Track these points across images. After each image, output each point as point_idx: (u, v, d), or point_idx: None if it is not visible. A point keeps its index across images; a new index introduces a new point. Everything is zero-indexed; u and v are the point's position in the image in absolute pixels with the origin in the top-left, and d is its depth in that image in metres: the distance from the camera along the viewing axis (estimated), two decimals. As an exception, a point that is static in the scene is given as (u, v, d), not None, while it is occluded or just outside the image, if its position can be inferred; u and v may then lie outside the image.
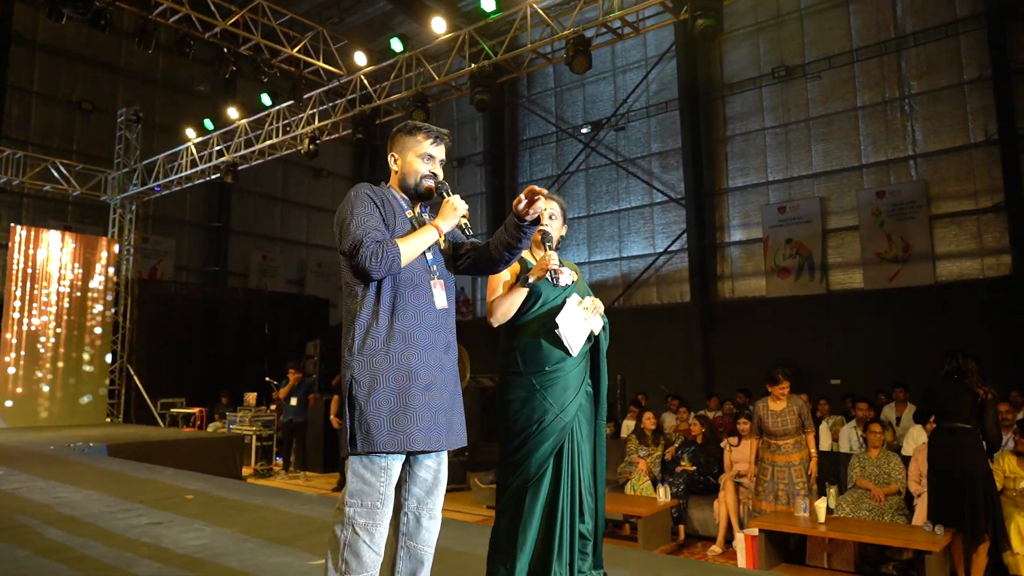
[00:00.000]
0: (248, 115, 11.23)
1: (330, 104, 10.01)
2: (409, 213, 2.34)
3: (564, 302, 2.66)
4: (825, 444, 6.44)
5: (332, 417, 8.62)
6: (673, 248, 14.99)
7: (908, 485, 5.08)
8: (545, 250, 2.63)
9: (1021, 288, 11.01)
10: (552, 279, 2.57)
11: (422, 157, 2.37)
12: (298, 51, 9.18)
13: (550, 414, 2.52)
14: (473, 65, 7.86)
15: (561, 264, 2.61)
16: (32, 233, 11.97)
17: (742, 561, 4.86)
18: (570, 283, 2.67)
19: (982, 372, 4.86)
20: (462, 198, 2.35)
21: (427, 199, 2.41)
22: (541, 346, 2.59)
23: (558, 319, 2.57)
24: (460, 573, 2.99)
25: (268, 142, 10.67)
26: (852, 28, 13.22)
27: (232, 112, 11.50)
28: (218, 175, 11.86)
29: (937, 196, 12.19)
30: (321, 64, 9.46)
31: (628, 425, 7.76)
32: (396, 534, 2.21)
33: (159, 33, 8.71)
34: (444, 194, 2.38)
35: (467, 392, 8.95)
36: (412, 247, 2.20)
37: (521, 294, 2.60)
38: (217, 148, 11.62)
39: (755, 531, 4.87)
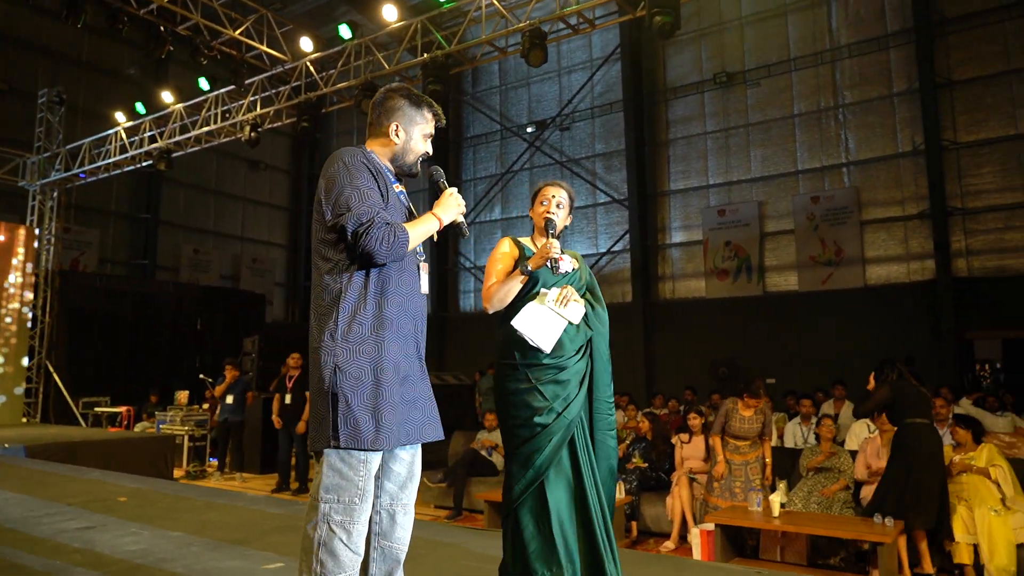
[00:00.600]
0: (183, 100, 10.70)
1: (273, 91, 9.64)
2: (397, 187, 2.19)
3: (583, 293, 2.58)
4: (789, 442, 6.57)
5: (274, 417, 8.26)
6: (616, 248, 15.14)
7: (856, 477, 5.22)
8: (547, 237, 2.56)
9: (944, 291, 11.56)
10: (552, 267, 2.47)
11: (425, 137, 2.25)
12: (240, 34, 8.80)
13: (550, 411, 2.41)
14: (426, 55, 7.69)
15: (563, 252, 2.53)
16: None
17: (698, 555, 4.88)
18: (570, 270, 2.57)
19: (915, 373, 5.04)
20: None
21: (411, 178, 2.31)
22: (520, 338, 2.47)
23: (513, 321, 2.46)
24: (432, 571, 2.86)
25: (205, 129, 10.19)
26: (790, 38, 13.64)
27: (166, 96, 10.94)
28: (150, 162, 11.27)
29: (868, 202, 12.68)
30: (265, 48, 9.09)
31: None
32: (368, 536, 2.05)
33: (87, 9, 8.19)
34: (441, 184, 2.27)
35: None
36: (417, 235, 2.06)
37: (519, 282, 2.50)
38: (149, 134, 11.03)
39: (711, 526, 4.89)
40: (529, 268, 2.49)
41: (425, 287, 2.21)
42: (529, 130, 16.48)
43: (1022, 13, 11.38)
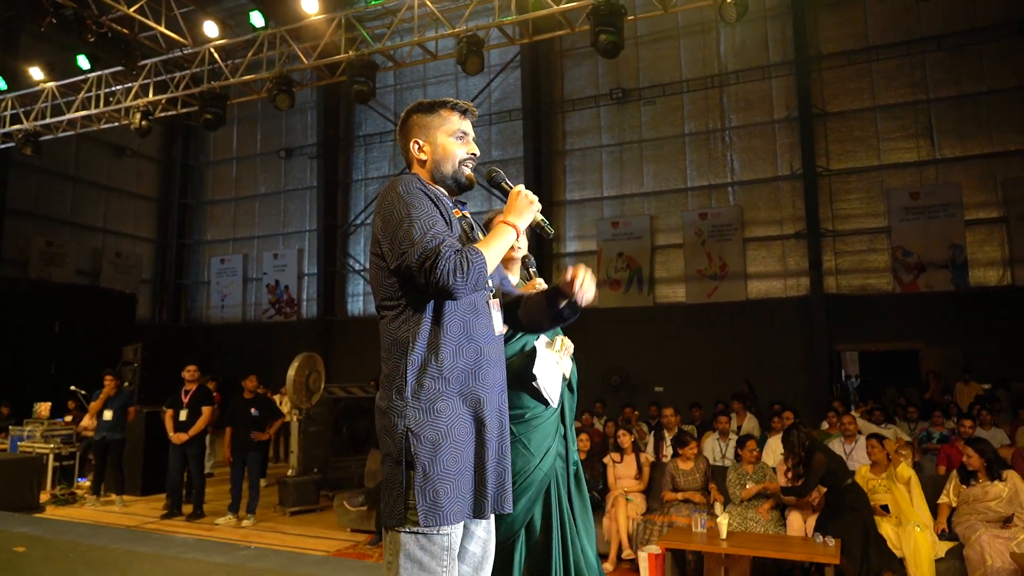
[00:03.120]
0: (54, 78, 9.51)
1: (168, 76, 8.78)
2: (456, 213, 1.92)
3: (533, 347, 2.43)
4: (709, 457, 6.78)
5: (172, 433, 7.47)
6: (512, 256, 15.18)
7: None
8: (532, 276, 2.42)
9: (816, 307, 12.54)
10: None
11: (455, 136, 1.98)
12: (135, 11, 7.93)
13: (531, 464, 2.31)
14: (351, 52, 7.29)
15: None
16: None
17: (646, 579, 4.92)
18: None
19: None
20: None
21: (467, 190, 2.02)
22: (515, 386, 2.31)
23: (535, 370, 2.34)
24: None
25: (83, 112, 9.11)
26: (682, 60, 14.28)
27: (36, 72, 9.68)
28: (9, 144, 9.94)
29: (750, 221, 13.51)
30: (162, 29, 8.26)
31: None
32: None
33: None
34: (504, 184, 2.02)
35: (320, 403, 8.30)
36: (494, 255, 1.79)
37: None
38: (11, 112, 9.71)
39: (657, 549, 4.95)
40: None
41: (500, 326, 1.93)
42: (425, 132, 16.16)
43: (888, 56, 12.56)
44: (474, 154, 1.99)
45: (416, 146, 1.96)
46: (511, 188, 1.98)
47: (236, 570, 3.57)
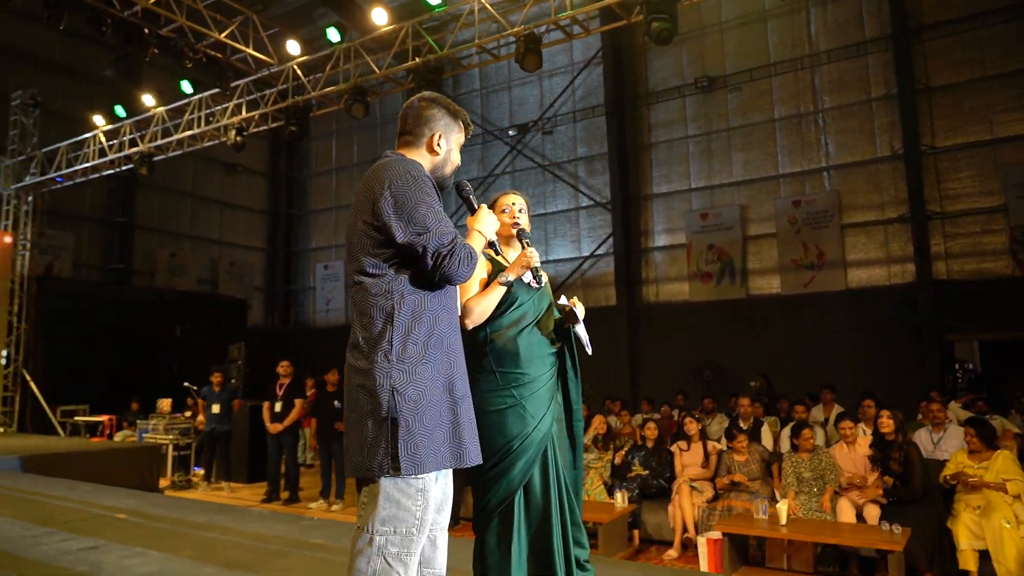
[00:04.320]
0: (163, 104, 10.49)
1: (259, 94, 9.49)
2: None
3: (550, 304, 2.59)
4: (768, 444, 6.61)
5: (269, 424, 8.09)
6: (599, 252, 15.17)
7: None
8: (523, 247, 2.53)
9: (924, 294, 11.76)
10: (534, 276, 2.45)
11: (460, 147, 2.21)
12: (226, 36, 8.64)
13: (529, 427, 2.42)
14: (417, 60, 7.62)
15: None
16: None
17: (704, 565, 4.88)
18: (545, 283, 2.58)
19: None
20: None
21: (441, 191, 2.21)
22: (519, 351, 2.46)
23: (578, 328, 2.50)
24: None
25: (188, 132, 10.00)
26: (770, 43, 13.79)
27: (148, 99, 10.71)
28: (130, 166, 11.03)
29: (848, 206, 12.85)
30: (250, 51, 8.95)
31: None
32: None
33: (67, 13, 7.97)
34: (472, 199, 2.27)
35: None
36: (479, 252, 2.08)
37: (499, 293, 2.45)
38: (129, 137, 10.79)
39: (717, 535, 4.90)
40: (510, 278, 2.45)
41: (458, 306, 2.21)
42: (511, 133, 16.45)
43: (997, 20, 11.62)
44: (459, 165, 2.23)
45: (436, 139, 2.12)
46: (477, 205, 2.25)
47: (294, 537, 3.89)
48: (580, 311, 2.55)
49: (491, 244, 2.22)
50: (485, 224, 2.16)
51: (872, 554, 4.59)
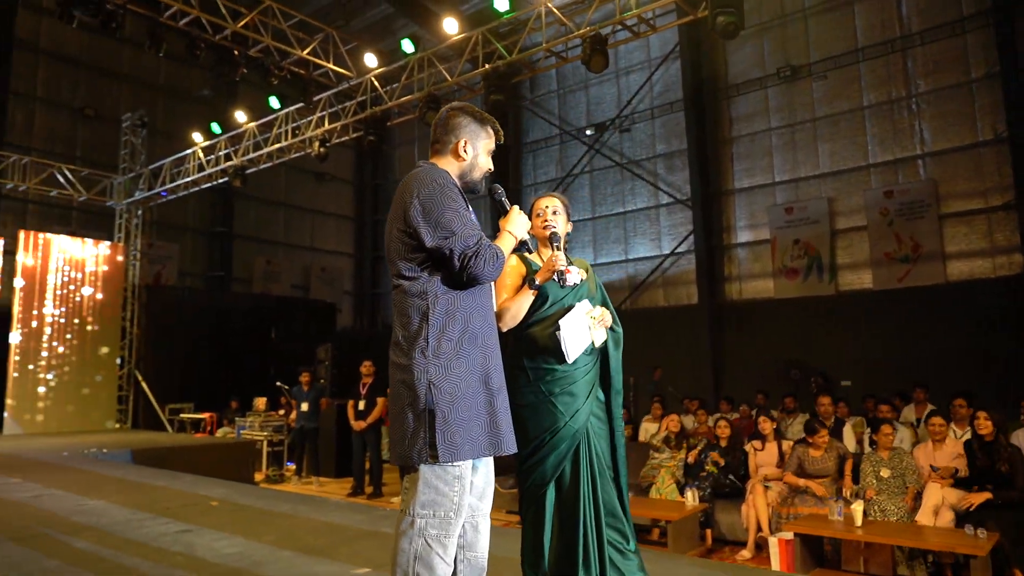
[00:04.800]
0: (255, 119, 11.15)
1: (340, 106, 9.95)
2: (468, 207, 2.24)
3: (572, 305, 2.62)
4: (850, 446, 6.38)
5: (354, 422, 8.49)
6: (680, 250, 14.95)
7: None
8: (552, 250, 2.59)
9: (1034, 287, 10.99)
10: (559, 280, 2.49)
11: (488, 153, 2.30)
12: (308, 53, 9.12)
13: (560, 421, 2.50)
14: (487, 66, 7.80)
15: (570, 263, 2.57)
16: (38, 239, 11.87)
17: (776, 565, 4.79)
18: (579, 282, 2.59)
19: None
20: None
21: (472, 195, 2.34)
22: (548, 347, 2.54)
23: (561, 321, 2.52)
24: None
25: (277, 145, 10.59)
26: (857, 27, 13.21)
27: (240, 116, 11.42)
28: (226, 179, 11.79)
29: (946, 195, 12.16)
30: (331, 66, 9.40)
31: (647, 428, 7.69)
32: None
33: (167, 38, 8.63)
34: (504, 201, 2.35)
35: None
36: (506, 253, 2.15)
37: (529, 297, 2.53)
38: (224, 152, 11.54)
39: (789, 535, 4.80)
40: (537, 282, 2.51)
41: (495, 303, 2.30)
42: (588, 133, 16.45)
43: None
44: (490, 169, 2.33)
45: (462, 146, 2.24)
46: (509, 206, 2.32)
47: (369, 524, 4.11)
48: (578, 321, 2.58)
49: (523, 243, 2.29)
50: (516, 225, 2.26)
51: (952, 559, 4.39)
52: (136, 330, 13.06)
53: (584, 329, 2.54)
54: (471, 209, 2.22)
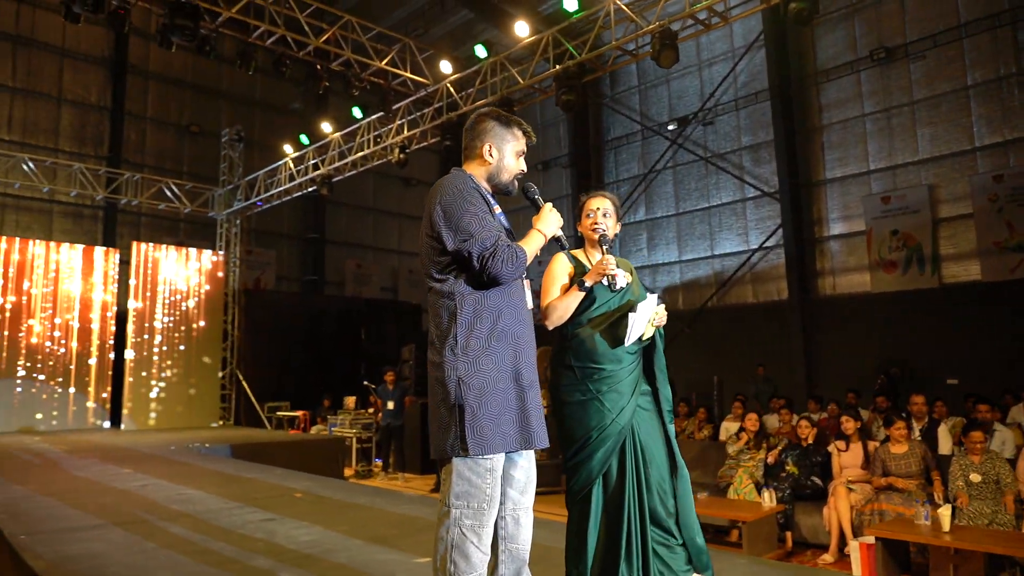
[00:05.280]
0: (340, 129, 11.65)
1: (418, 113, 10.24)
2: (496, 209, 2.29)
3: (626, 301, 2.65)
4: (945, 448, 6.03)
5: None
6: (768, 244, 14.47)
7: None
8: (602, 252, 2.62)
9: None
10: (609, 283, 2.53)
11: (518, 155, 2.35)
12: (386, 64, 9.45)
13: (607, 419, 2.52)
14: (557, 67, 7.85)
15: (616, 265, 2.59)
16: (149, 249, 12.83)
17: (857, 571, 4.60)
18: (625, 285, 2.62)
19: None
20: (549, 202, 2.36)
21: (506, 196, 2.40)
22: (596, 347, 2.56)
23: (639, 305, 2.54)
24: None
25: (360, 154, 11.02)
26: (959, 3, 12.39)
27: (325, 127, 11.96)
28: (314, 188, 12.36)
29: (1064, 178, 11.23)
30: (408, 75, 9.70)
31: (728, 427, 7.52)
32: (495, 539, 2.18)
33: (260, 56, 9.16)
34: (537, 200, 2.38)
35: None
36: (530, 253, 2.18)
37: (577, 297, 2.57)
38: (313, 162, 12.12)
39: (871, 539, 4.61)
40: (587, 284, 2.55)
41: (530, 301, 2.32)
42: (671, 128, 16.17)
43: None
44: (522, 171, 2.37)
45: (488, 149, 2.31)
46: (542, 204, 2.35)
47: (431, 519, 4.23)
48: (649, 311, 2.59)
49: (555, 240, 2.33)
50: (546, 223, 2.29)
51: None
52: (237, 333, 13.88)
53: (646, 321, 2.57)
54: (499, 211, 2.29)
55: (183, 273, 13.00)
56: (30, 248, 11.73)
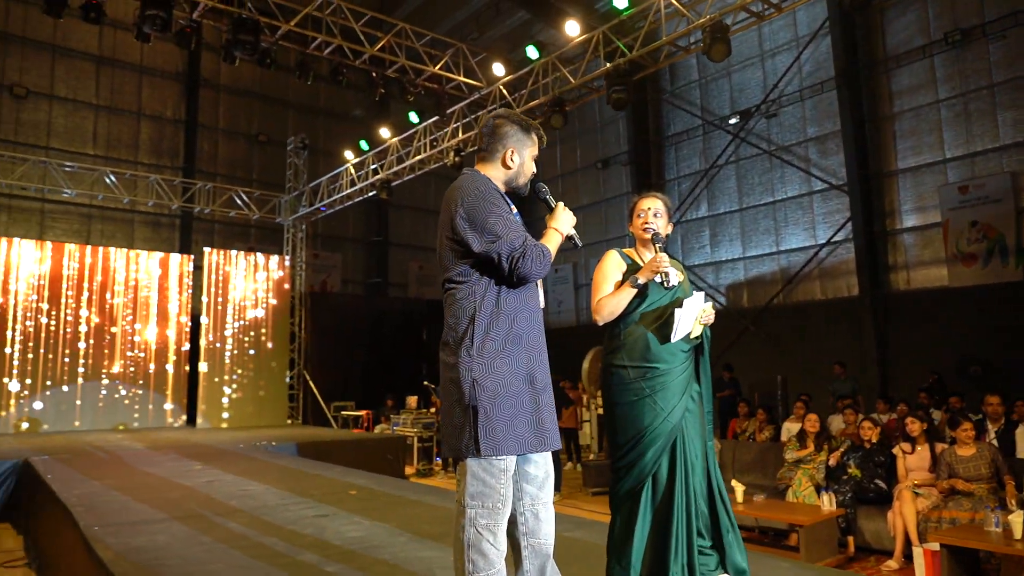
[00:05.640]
0: (398, 134, 11.89)
1: (472, 116, 10.35)
2: (513, 209, 2.32)
3: (676, 298, 2.65)
4: (1022, 451, 5.71)
5: None
6: (837, 238, 13.97)
7: None
8: (655, 250, 2.64)
9: None
10: (663, 281, 2.55)
11: (533, 158, 2.40)
12: (440, 68, 9.59)
13: (659, 418, 2.52)
14: (608, 65, 7.80)
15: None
16: (221, 255, 13.40)
17: (920, 578, 4.42)
18: (677, 284, 2.63)
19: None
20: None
21: (520, 197, 2.44)
22: (649, 345, 2.57)
23: (686, 301, 2.55)
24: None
25: (417, 158, 11.22)
26: (1044, -23, 11.67)
27: (384, 132, 12.23)
28: (374, 192, 12.66)
29: None
30: (462, 78, 9.82)
31: (790, 428, 7.31)
32: (516, 536, 2.21)
33: (319, 65, 9.45)
34: (549, 199, 2.41)
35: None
36: (553, 252, 2.23)
37: (629, 294, 2.60)
38: (372, 167, 12.41)
39: (936, 546, 4.41)
40: (640, 281, 2.57)
41: (542, 301, 2.35)
42: (732, 121, 15.81)
43: None
44: (535, 173, 2.45)
45: (509, 154, 2.36)
46: (554, 204, 2.39)
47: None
48: (695, 309, 2.57)
49: (569, 239, 2.35)
50: (561, 222, 2.32)
51: None
52: (303, 335, 14.34)
53: (693, 319, 2.57)
54: (515, 211, 2.32)
55: (251, 278, 13.53)
56: (112, 256, 12.44)
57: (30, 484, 6.66)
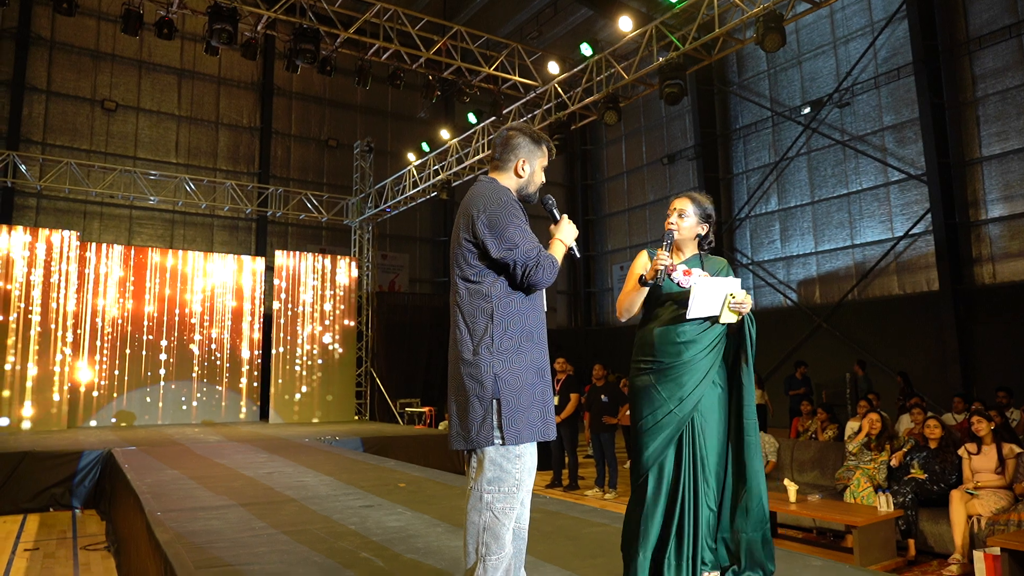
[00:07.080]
0: (459, 135, 12.08)
1: (528, 116, 10.42)
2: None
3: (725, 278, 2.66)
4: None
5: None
6: (915, 231, 13.34)
7: None
8: (696, 251, 2.73)
9: None
10: (659, 277, 2.60)
11: (544, 170, 2.52)
12: (495, 69, 9.70)
13: (663, 408, 2.56)
14: (661, 60, 7.71)
15: (702, 264, 2.70)
16: (292, 256, 13.95)
17: (980, 583, 4.21)
18: (687, 285, 2.65)
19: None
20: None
21: (528, 205, 2.56)
22: (659, 338, 2.63)
23: (700, 278, 2.59)
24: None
25: (476, 158, 11.38)
26: None
27: (444, 133, 12.45)
28: (436, 192, 12.90)
29: None
30: (517, 78, 9.89)
31: (852, 427, 7.06)
32: None
33: (378, 69, 9.72)
34: (555, 212, 2.55)
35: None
36: (560, 262, 2.39)
37: (640, 292, 2.70)
38: (434, 168, 12.66)
39: (996, 550, 4.20)
40: (648, 282, 2.63)
41: (545, 303, 2.49)
42: (804, 112, 15.30)
43: None
44: (543, 182, 2.56)
45: (521, 164, 2.48)
46: (559, 216, 2.53)
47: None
48: (715, 291, 2.57)
49: (570, 249, 2.48)
50: (565, 233, 2.47)
51: None
52: (371, 333, 14.75)
53: (717, 301, 2.56)
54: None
55: (321, 278, 14.02)
56: (191, 260, 13.14)
57: (111, 473, 7.15)
